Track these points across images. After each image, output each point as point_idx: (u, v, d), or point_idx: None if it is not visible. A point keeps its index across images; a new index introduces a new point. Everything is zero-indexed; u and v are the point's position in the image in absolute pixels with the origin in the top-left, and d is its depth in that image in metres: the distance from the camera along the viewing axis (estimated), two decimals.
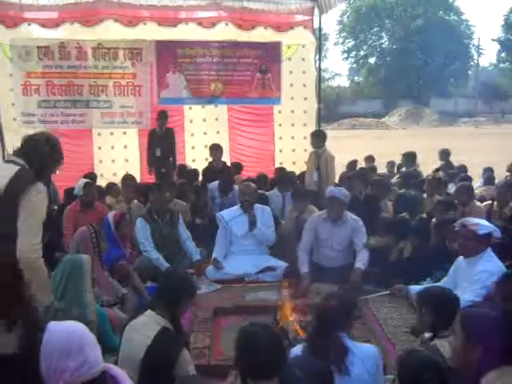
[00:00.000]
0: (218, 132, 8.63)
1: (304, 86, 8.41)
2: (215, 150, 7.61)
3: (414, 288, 4.14)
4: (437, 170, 8.41)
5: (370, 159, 9.30)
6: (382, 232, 5.39)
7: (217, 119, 8.60)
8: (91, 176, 7.14)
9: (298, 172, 7.93)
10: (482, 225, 3.67)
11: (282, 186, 6.73)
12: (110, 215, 4.86)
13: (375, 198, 6.02)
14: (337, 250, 5.08)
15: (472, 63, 47.32)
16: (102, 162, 8.35)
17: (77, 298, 3.49)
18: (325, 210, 5.20)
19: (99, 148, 8.36)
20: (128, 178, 6.74)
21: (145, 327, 2.72)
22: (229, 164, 7.98)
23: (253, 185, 5.86)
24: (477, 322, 2.10)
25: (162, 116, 7.55)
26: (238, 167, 8.00)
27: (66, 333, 1.79)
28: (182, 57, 8.02)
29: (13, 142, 8.03)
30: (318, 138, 7.01)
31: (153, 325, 2.71)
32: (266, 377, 1.99)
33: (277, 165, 8.41)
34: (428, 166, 9.77)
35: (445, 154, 8.81)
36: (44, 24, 7.56)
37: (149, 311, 2.80)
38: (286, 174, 7.26)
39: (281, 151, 8.69)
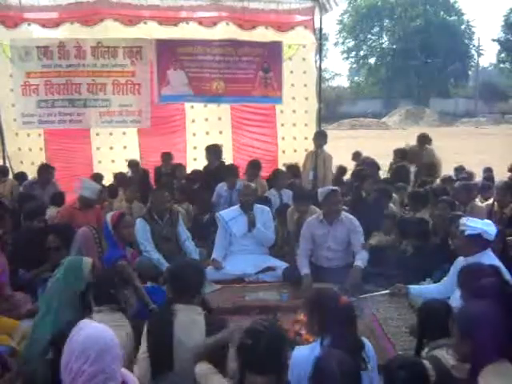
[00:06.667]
0: (220, 132, 8.60)
1: (305, 86, 8.39)
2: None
3: (414, 288, 4.15)
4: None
5: (357, 155, 9.32)
6: (389, 228, 5.38)
7: (219, 119, 8.58)
8: (98, 176, 7.31)
9: None
10: (470, 226, 3.66)
11: (276, 184, 6.75)
12: (109, 216, 4.70)
13: (380, 200, 6.02)
14: (335, 250, 5.07)
15: (472, 63, 47.29)
16: (100, 163, 8.35)
17: (77, 300, 3.46)
18: (320, 212, 5.19)
19: (98, 148, 8.35)
20: (128, 178, 6.77)
21: (194, 324, 2.77)
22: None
23: (252, 185, 5.87)
24: (469, 316, 2.11)
25: None
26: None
27: (90, 335, 1.76)
28: (183, 54, 7.97)
29: (13, 143, 8.07)
30: (323, 136, 7.20)
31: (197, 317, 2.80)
32: (262, 372, 2.07)
33: (279, 165, 8.31)
34: None
35: (399, 153, 8.35)
36: (44, 24, 7.53)
37: (181, 305, 2.83)
38: (278, 172, 7.27)
39: (284, 152, 8.66)
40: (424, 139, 8.22)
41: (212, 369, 2.34)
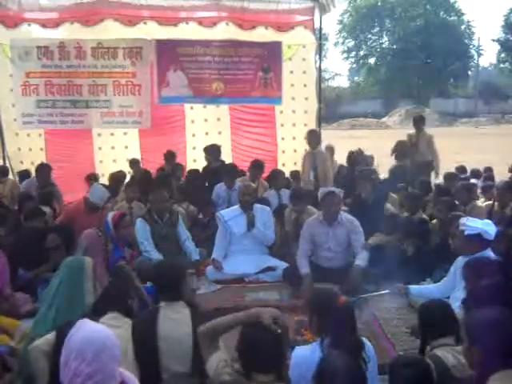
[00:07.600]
0: (219, 132, 8.59)
1: (305, 86, 8.39)
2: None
3: (414, 288, 4.15)
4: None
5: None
6: (389, 229, 5.38)
7: (219, 119, 8.57)
8: (94, 177, 7.25)
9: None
10: (470, 226, 3.67)
11: (275, 185, 6.75)
12: (110, 216, 4.74)
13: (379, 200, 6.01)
14: (335, 251, 5.06)
15: (472, 63, 47.30)
16: (102, 162, 8.35)
17: (79, 299, 3.45)
18: (319, 213, 5.19)
19: (99, 148, 8.36)
20: (131, 177, 6.76)
21: (178, 314, 2.80)
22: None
23: (253, 185, 5.87)
24: (477, 324, 2.10)
25: None
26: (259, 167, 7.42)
27: (87, 336, 1.77)
28: (183, 55, 7.97)
29: (13, 143, 8.08)
30: (315, 135, 7.18)
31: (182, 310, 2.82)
32: (264, 371, 2.13)
33: (279, 166, 8.33)
34: None
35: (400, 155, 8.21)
36: (44, 24, 7.54)
37: (165, 302, 2.86)
38: (277, 172, 7.27)
39: (283, 152, 8.65)
40: (420, 119, 8.53)
41: (223, 361, 2.32)
